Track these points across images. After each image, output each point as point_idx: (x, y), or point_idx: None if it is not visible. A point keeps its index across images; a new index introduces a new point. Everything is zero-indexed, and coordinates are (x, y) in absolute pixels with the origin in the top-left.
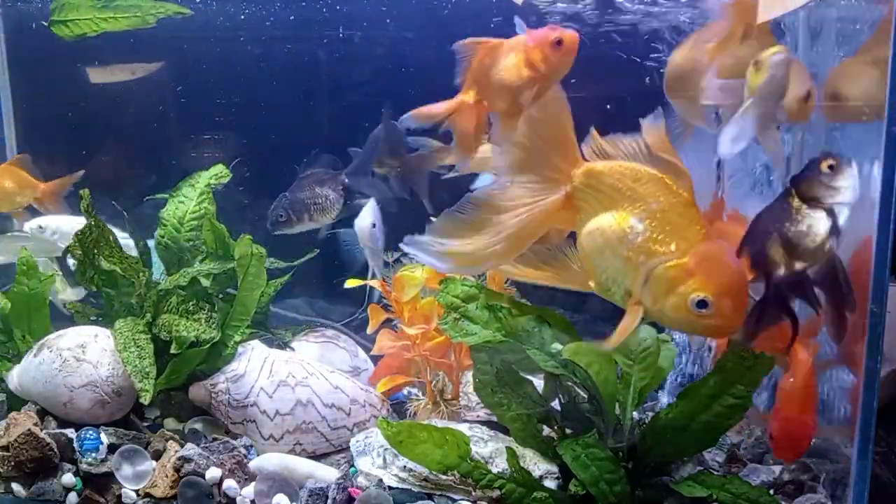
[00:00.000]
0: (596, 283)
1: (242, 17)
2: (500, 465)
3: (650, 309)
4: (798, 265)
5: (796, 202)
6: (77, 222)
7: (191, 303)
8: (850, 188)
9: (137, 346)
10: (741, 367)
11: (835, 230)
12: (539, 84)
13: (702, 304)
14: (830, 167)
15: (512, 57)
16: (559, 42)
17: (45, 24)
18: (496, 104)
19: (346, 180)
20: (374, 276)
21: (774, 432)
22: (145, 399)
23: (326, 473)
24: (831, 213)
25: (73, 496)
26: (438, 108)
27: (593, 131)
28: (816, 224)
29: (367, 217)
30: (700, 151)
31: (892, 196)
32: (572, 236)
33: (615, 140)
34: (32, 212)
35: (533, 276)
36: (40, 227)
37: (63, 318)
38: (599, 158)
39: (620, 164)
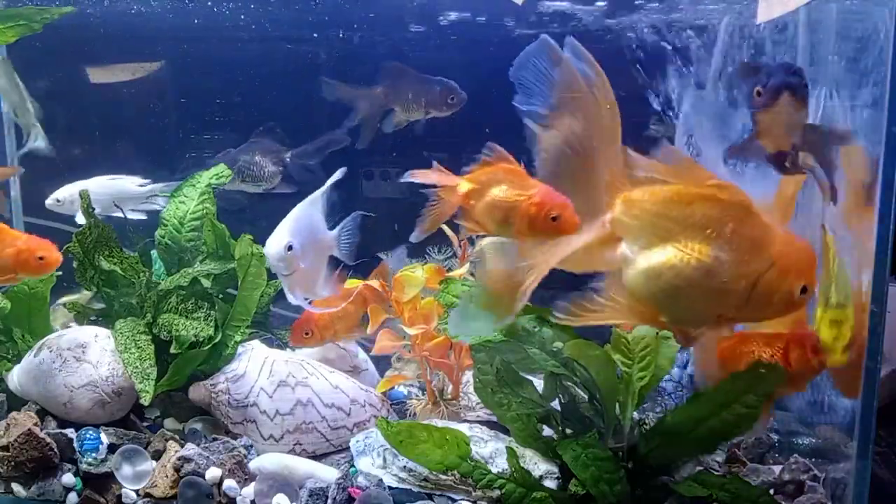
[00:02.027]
0: (668, 319)
1: (243, 17)
2: (500, 465)
3: (752, 318)
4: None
5: None
6: (92, 183)
7: (190, 302)
8: None
9: (138, 347)
10: (754, 377)
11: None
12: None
13: (804, 290)
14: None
15: (506, 201)
16: (555, 218)
17: None
18: (482, 223)
19: (288, 158)
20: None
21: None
22: (146, 400)
23: (326, 473)
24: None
25: (73, 496)
26: (434, 177)
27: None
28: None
29: (282, 236)
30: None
31: (892, 196)
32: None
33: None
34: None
35: (593, 319)
36: (57, 200)
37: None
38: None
39: (660, 189)
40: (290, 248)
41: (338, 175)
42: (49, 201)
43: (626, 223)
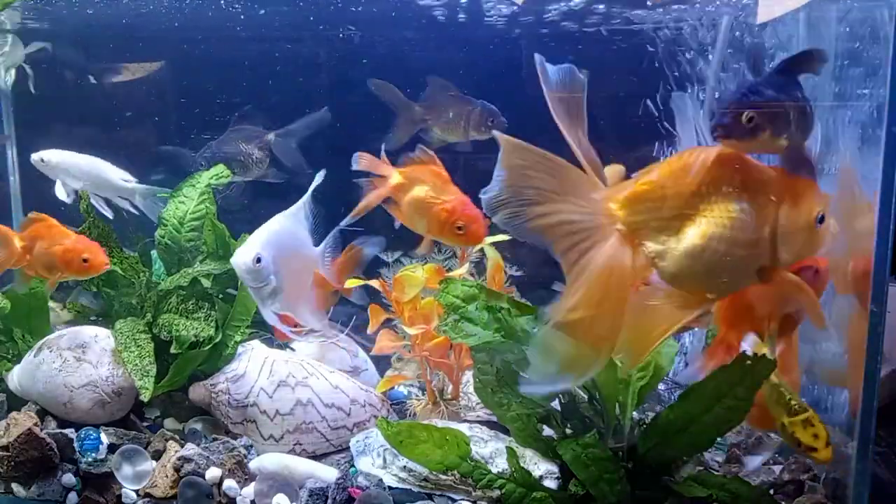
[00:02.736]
0: (717, 293)
1: (243, 16)
2: (500, 465)
3: (787, 260)
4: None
5: None
6: (83, 158)
7: (190, 302)
8: None
9: (137, 346)
10: (743, 370)
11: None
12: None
13: (821, 218)
14: None
15: (424, 201)
16: (460, 228)
17: None
18: (405, 215)
19: (272, 141)
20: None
21: None
22: (145, 396)
23: (326, 473)
24: None
25: (73, 496)
26: (376, 165)
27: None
28: None
29: (252, 248)
30: None
31: (892, 196)
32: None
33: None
34: None
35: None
36: (42, 160)
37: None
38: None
39: (656, 174)
40: (258, 260)
41: (318, 180)
42: (35, 157)
43: (641, 221)
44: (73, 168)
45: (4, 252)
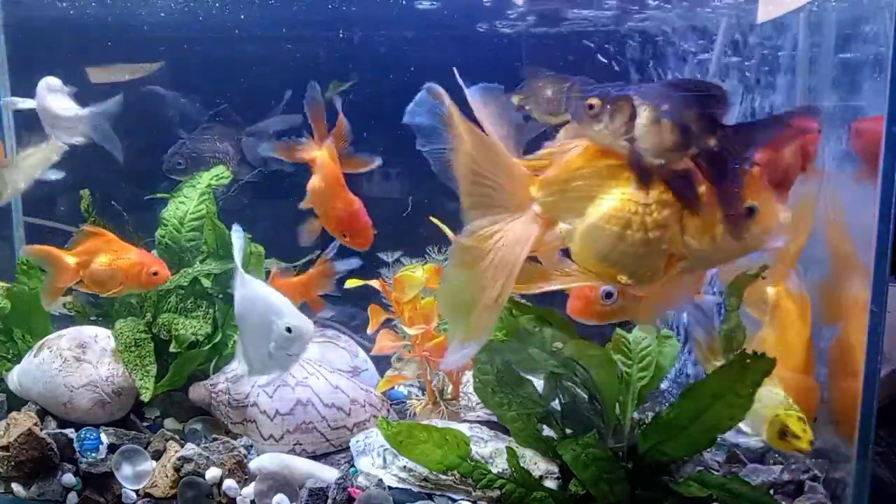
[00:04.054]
0: (626, 275)
1: (243, 16)
2: (500, 465)
3: (707, 253)
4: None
5: None
6: (44, 85)
7: (189, 301)
8: None
9: (137, 346)
10: (743, 368)
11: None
12: None
13: (750, 211)
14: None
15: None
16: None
17: None
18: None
19: (244, 140)
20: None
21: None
22: (146, 396)
23: (326, 473)
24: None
25: (73, 496)
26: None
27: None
28: None
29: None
30: None
31: (892, 196)
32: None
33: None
34: None
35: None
36: (14, 103)
37: (63, 319)
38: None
39: (575, 155)
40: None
41: (237, 241)
42: (7, 100)
43: (554, 202)
44: (40, 112)
45: (57, 272)
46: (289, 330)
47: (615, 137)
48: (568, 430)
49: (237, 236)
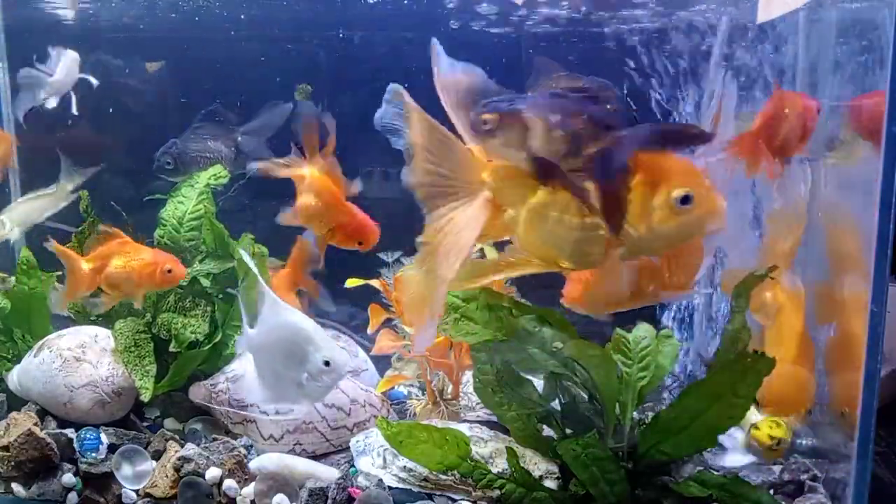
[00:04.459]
0: (569, 261)
1: (243, 16)
2: (500, 465)
3: (642, 240)
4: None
5: None
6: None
7: (188, 300)
8: None
9: (137, 346)
10: (743, 368)
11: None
12: None
13: (686, 199)
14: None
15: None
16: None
17: None
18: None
19: (240, 138)
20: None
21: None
22: (146, 396)
23: (326, 473)
24: None
25: (73, 496)
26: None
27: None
28: None
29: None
30: None
31: (892, 196)
32: None
33: None
34: None
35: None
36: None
37: (63, 319)
38: None
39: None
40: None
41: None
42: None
43: (502, 189)
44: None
45: (74, 279)
46: (327, 363)
47: (511, 151)
48: (568, 430)
49: (257, 263)
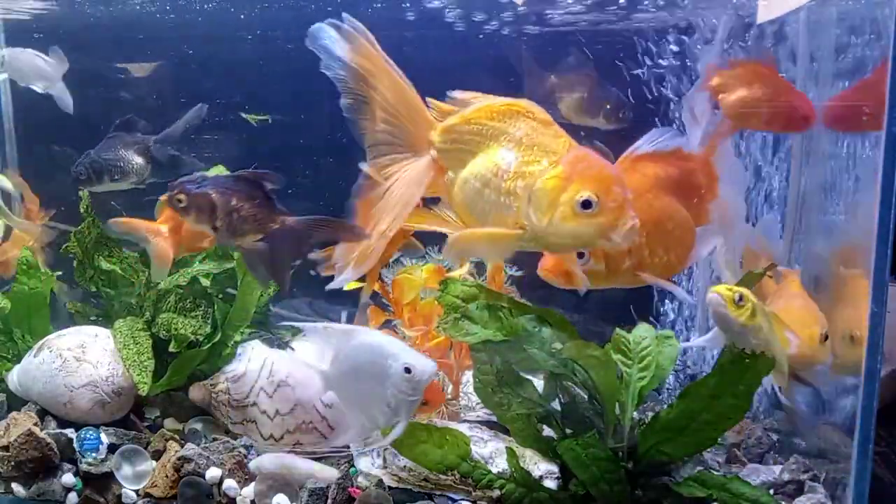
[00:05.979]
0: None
1: (242, 17)
2: (500, 465)
3: (542, 231)
4: None
5: None
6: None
7: (188, 300)
8: None
9: (136, 343)
10: (741, 367)
11: None
12: None
13: (587, 203)
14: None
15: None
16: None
17: None
18: None
19: (153, 147)
20: None
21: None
22: (143, 391)
23: (326, 473)
24: None
25: (73, 496)
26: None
27: (430, 101)
28: None
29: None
30: None
31: (892, 196)
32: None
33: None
34: None
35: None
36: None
37: (63, 319)
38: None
39: (473, 109)
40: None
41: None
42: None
43: (446, 150)
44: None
45: (159, 241)
46: (408, 370)
47: (202, 225)
48: (568, 430)
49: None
